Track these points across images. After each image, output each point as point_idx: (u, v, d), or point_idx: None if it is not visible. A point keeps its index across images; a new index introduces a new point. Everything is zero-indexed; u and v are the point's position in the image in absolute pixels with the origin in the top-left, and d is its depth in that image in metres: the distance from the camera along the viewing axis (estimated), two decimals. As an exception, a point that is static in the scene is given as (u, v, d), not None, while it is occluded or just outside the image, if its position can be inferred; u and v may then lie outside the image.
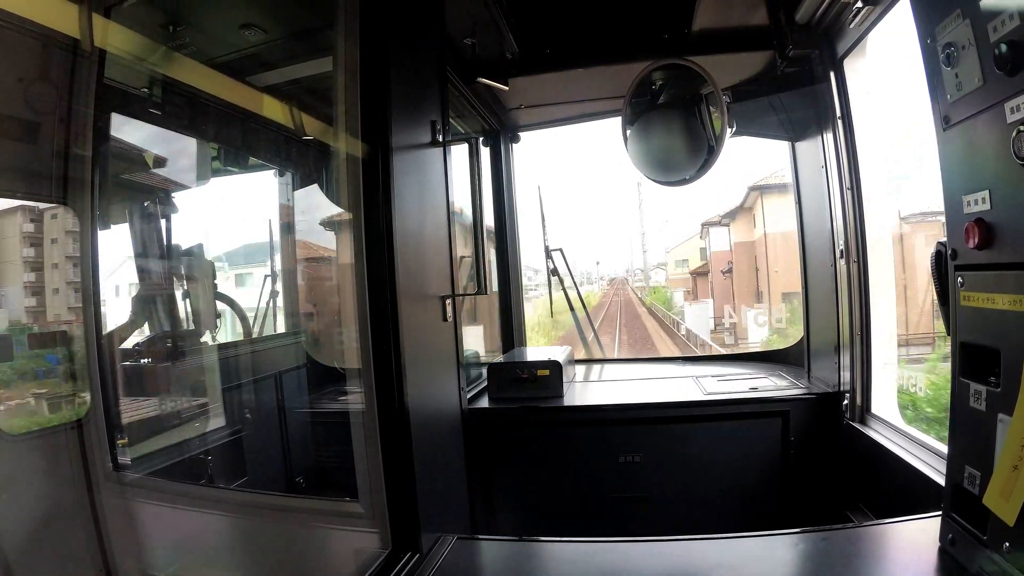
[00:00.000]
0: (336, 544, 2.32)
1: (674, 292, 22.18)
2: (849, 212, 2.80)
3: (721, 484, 2.97)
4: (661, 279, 24.68)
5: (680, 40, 3.13)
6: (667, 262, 23.79)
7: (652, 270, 25.50)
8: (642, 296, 24.75)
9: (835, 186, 2.88)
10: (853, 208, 2.79)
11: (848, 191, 2.79)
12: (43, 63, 2.08)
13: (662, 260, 24.69)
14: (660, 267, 24.60)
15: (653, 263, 25.24)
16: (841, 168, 2.82)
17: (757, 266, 15.67)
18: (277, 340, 3.92)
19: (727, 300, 16.53)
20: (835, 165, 2.85)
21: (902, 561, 1.74)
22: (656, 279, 25.08)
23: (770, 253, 14.13)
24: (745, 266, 16.43)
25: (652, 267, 25.46)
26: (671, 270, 23.60)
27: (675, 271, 23.18)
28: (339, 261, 3.37)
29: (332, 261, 3.75)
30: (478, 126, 4.00)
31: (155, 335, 2.78)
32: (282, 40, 2.94)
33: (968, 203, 1.44)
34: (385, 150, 1.98)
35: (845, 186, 2.80)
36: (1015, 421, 1.29)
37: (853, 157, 2.77)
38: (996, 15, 1.27)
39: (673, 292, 22.28)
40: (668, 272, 23.80)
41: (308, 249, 3.89)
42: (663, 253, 24.68)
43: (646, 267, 26.16)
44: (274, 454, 3.27)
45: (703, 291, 19.35)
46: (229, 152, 3.36)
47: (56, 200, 2.21)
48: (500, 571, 2.02)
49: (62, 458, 2.07)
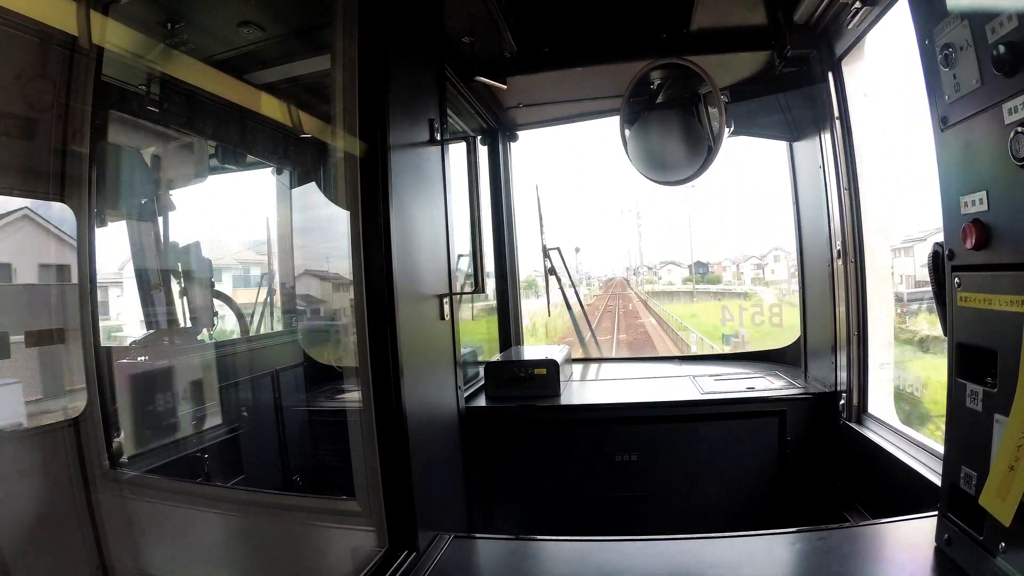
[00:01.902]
0: (333, 542, 2.31)
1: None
2: (846, 213, 2.81)
3: (718, 483, 2.97)
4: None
5: (679, 39, 3.13)
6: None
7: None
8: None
9: (832, 186, 2.89)
10: (850, 209, 2.79)
11: (845, 191, 2.80)
12: (41, 60, 2.08)
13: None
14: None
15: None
16: (839, 168, 2.83)
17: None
18: (274, 338, 3.91)
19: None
20: (832, 165, 2.86)
21: (898, 561, 1.75)
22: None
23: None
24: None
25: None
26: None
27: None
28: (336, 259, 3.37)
29: (329, 259, 3.75)
30: (476, 125, 3.99)
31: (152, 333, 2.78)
32: (280, 38, 2.93)
33: (965, 204, 1.44)
34: (383, 148, 1.98)
35: (842, 186, 2.81)
36: (1011, 421, 1.29)
37: (851, 158, 2.78)
38: (994, 16, 1.28)
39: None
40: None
41: (305, 247, 3.89)
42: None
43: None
44: (271, 452, 3.27)
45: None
46: (227, 150, 3.35)
47: (54, 197, 2.20)
48: (497, 570, 2.02)
49: (59, 455, 2.07)
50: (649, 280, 18.30)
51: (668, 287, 17.38)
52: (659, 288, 17.55)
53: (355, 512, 2.08)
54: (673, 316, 14.44)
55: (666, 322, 14.16)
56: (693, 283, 16.60)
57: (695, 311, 14.75)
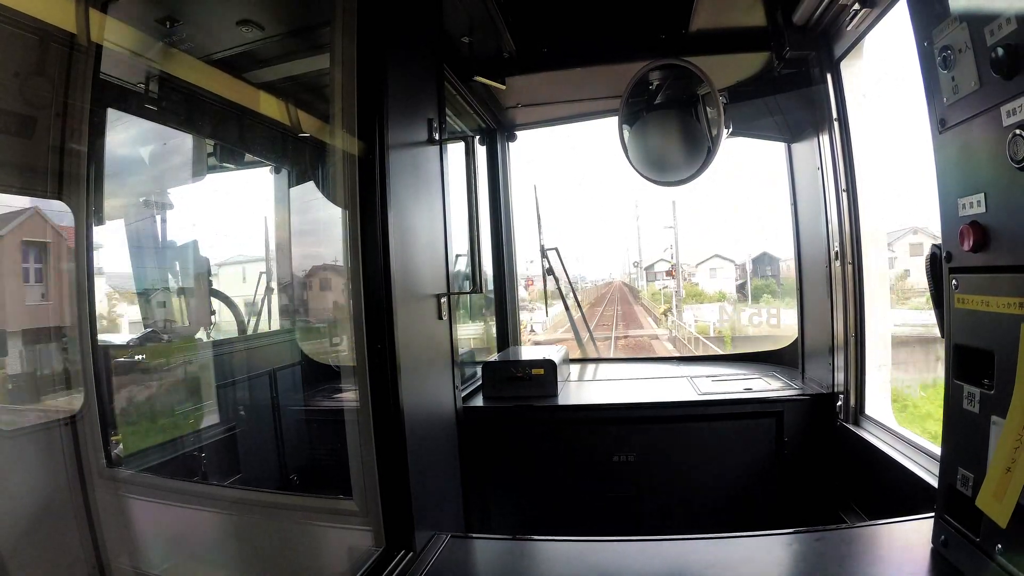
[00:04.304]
0: (330, 541, 2.31)
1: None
2: (844, 214, 2.81)
3: (715, 484, 2.98)
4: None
5: (677, 40, 3.13)
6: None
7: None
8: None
9: (831, 188, 2.89)
10: (848, 210, 2.80)
11: (844, 193, 2.81)
12: (39, 58, 2.07)
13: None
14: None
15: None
16: (837, 170, 2.83)
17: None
18: (272, 337, 3.91)
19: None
20: (831, 167, 2.86)
21: (895, 562, 1.75)
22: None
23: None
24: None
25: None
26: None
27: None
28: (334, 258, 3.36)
29: (327, 258, 3.75)
30: (475, 124, 3.99)
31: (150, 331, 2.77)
32: (279, 37, 2.93)
33: (963, 206, 1.44)
34: (381, 148, 1.98)
35: (840, 188, 2.82)
36: (1008, 423, 1.30)
37: (849, 159, 2.78)
38: (993, 19, 1.28)
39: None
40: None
41: (303, 246, 3.88)
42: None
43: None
44: (268, 451, 3.26)
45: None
46: (225, 148, 3.35)
47: (51, 195, 2.20)
48: (494, 570, 2.02)
49: (55, 454, 2.06)
50: (690, 289, 13.34)
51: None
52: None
53: (352, 511, 2.07)
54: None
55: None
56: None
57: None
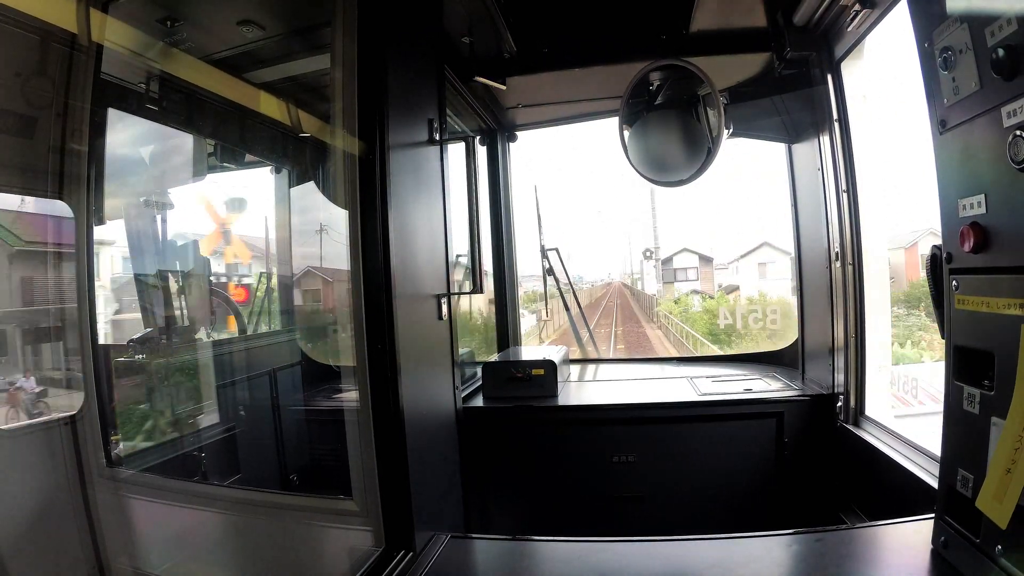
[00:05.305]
0: (330, 541, 2.31)
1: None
2: (845, 215, 2.81)
3: (715, 485, 2.97)
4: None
5: (678, 41, 3.13)
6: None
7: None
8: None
9: (831, 189, 2.89)
10: (849, 211, 2.79)
11: (844, 194, 2.80)
12: (40, 58, 2.07)
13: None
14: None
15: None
16: (837, 171, 2.83)
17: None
18: (272, 337, 3.91)
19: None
20: (831, 168, 2.86)
21: (895, 563, 1.75)
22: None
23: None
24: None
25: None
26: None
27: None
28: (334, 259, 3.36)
29: (327, 259, 3.75)
30: (475, 125, 3.99)
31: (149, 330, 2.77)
32: (279, 37, 2.93)
33: (964, 207, 1.44)
34: (382, 148, 1.98)
35: (841, 189, 2.81)
36: (1008, 424, 1.30)
37: (849, 160, 2.78)
38: (993, 19, 1.28)
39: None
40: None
41: (303, 246, 3.88)
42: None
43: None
44: (268, 451, 3.26)
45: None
46: (226, 148, 3.35)
47: (52, 195, 2.20)
48: (493, 570, 2.02)
49: (56, 453, 2.06)
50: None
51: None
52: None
53: (352, 512, 2.08)
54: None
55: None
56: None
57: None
